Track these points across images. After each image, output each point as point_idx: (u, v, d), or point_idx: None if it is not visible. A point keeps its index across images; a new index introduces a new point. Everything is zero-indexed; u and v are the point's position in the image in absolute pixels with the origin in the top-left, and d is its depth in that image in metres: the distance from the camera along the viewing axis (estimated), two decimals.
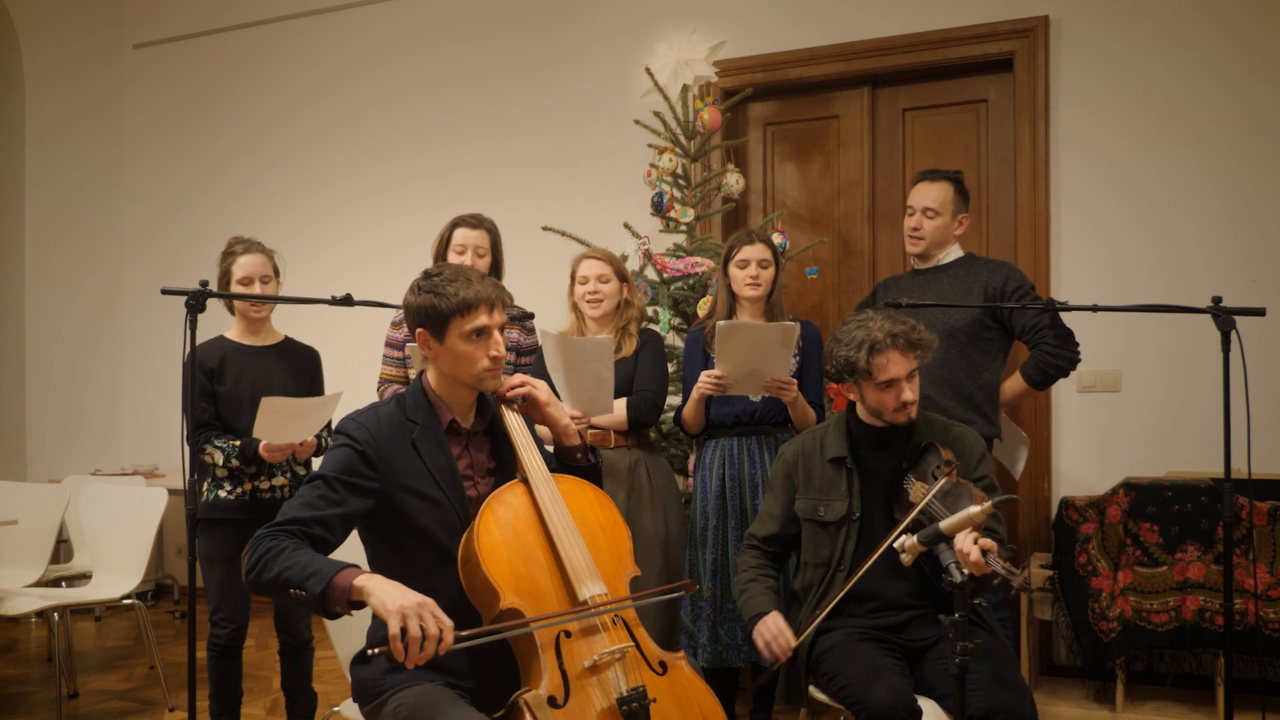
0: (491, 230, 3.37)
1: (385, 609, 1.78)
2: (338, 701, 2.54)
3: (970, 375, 3.22)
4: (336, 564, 1.88)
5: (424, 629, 1.76)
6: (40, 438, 5.67)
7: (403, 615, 1.76)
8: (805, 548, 2.67)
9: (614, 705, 1.94)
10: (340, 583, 1.83)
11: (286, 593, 1.88)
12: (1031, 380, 3.26)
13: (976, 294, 3.22)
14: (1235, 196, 3.91)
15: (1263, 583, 3.38)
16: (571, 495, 2.18)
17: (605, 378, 3.07)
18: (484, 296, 2.11)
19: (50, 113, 5.73)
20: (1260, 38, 3.88)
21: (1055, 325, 3.20)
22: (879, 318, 2.55)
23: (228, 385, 3.24)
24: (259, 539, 1.95)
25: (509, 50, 5.14)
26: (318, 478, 2.05)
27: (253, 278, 3.27)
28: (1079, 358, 3.23)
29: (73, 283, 5.85)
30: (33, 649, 4.90)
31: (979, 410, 3.23)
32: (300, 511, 1.99)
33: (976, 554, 2.13)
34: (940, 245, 3.38)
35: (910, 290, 3.33)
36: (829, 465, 2.65)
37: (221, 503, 3.21)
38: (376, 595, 1.80)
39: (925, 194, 3.36)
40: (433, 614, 1.79)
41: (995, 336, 3.28)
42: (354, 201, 5.50)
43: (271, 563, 1.89)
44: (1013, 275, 3.28)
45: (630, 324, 3.32)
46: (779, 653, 2.49)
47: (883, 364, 2.50)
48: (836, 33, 4.48)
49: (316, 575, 1.84)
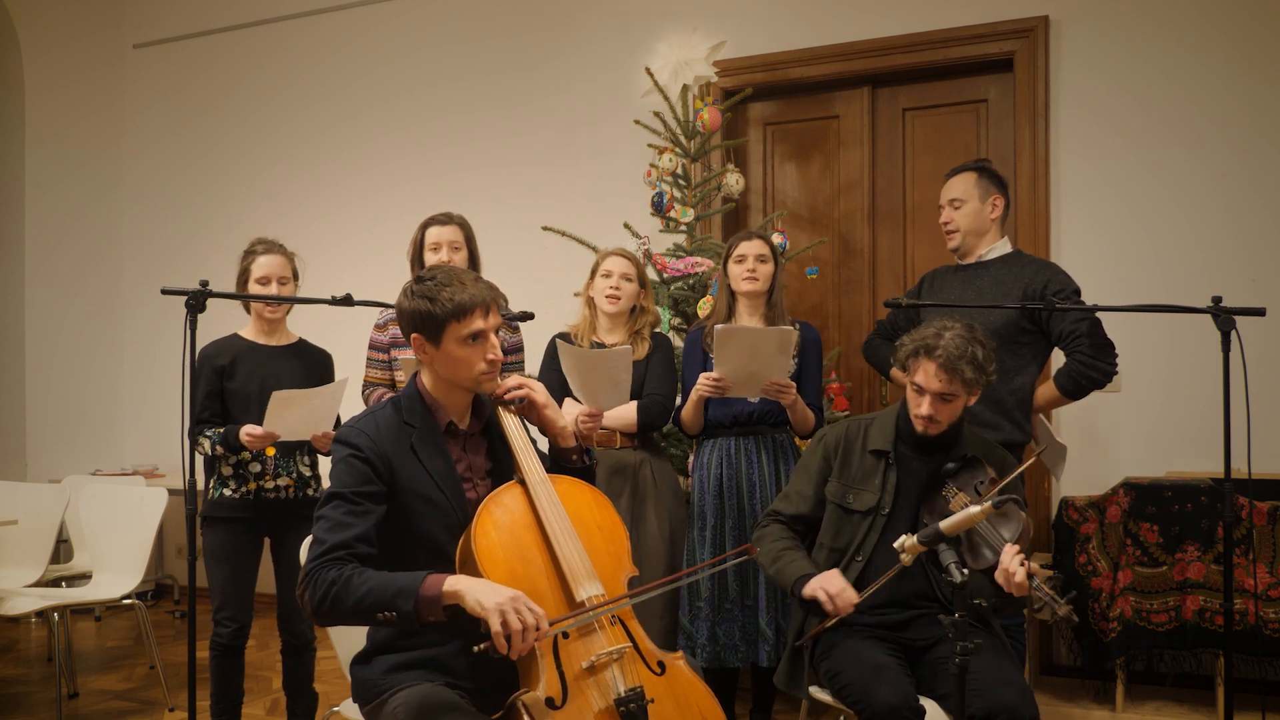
0: (463, 225, 3.36)
1: (484, 607, 1.84)
2: (338, 701, 2.54)
3: (1001, 379, 3.06)
4: (415, 577, 1.91)
5: (523, 621, 1.83)
6: (40, 438, 5.67)
7: (501, 611, 1.83)
8: (825, 530, 2.65)
9: (612, 706, 1.94)
10: (429, 593, 1.88)
11: (373, 618, 1.91)
12: (1064, 389, 3.12)
13: (1016, 294, 3.07)
14: (1235, 196, 3.90)
15: (1263, 583, 3.38)
16: (569, 496, 2.17)
17: (622, 381, 3.09)
18: (479, 300, 2.10)
19: (50, 113, 5.73)
20: (1260, 38, 3.88)
21: (1093, 334, 3.06)
22: (957, 330, 2.49)
23: (237, 382, 3.25)
24: (312, 574, 1.95)
25: (509, 50, 5.14)
26: (335, 496, 2.04)
27: (270, 278, 3.27)
28: (1115, 370, 3.09)
29: (73, 283, 5.85)
30: (33, 649, 4.90)
31: (1008, 415, 3.11)
32: (340, 535, 1.99)
33: (1022, 575, 2.08)
34: (978, 234, 3.24)
35: (951, 287, 3.24)
36: (869, 455, 2.64)
37: (226, 501, 3.22)
38: (470, 595, 1.87)
39: (949, 189, 3.29)
40: (527, 605, 1.86)
41: (1031, 340, 3.13)
42: (354, 201, 5.50)
43: (344, 593, 1.91)
44: (1055, 277, 3.12)
45: (644, 329, 3.34)
46: (843, 607, 2.43)
47: (919, 369, 2.50)
48: (836, 33, 4.48)
49: (401, 593, 1.88)
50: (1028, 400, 3.16)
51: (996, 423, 3.08)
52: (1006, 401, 3.12)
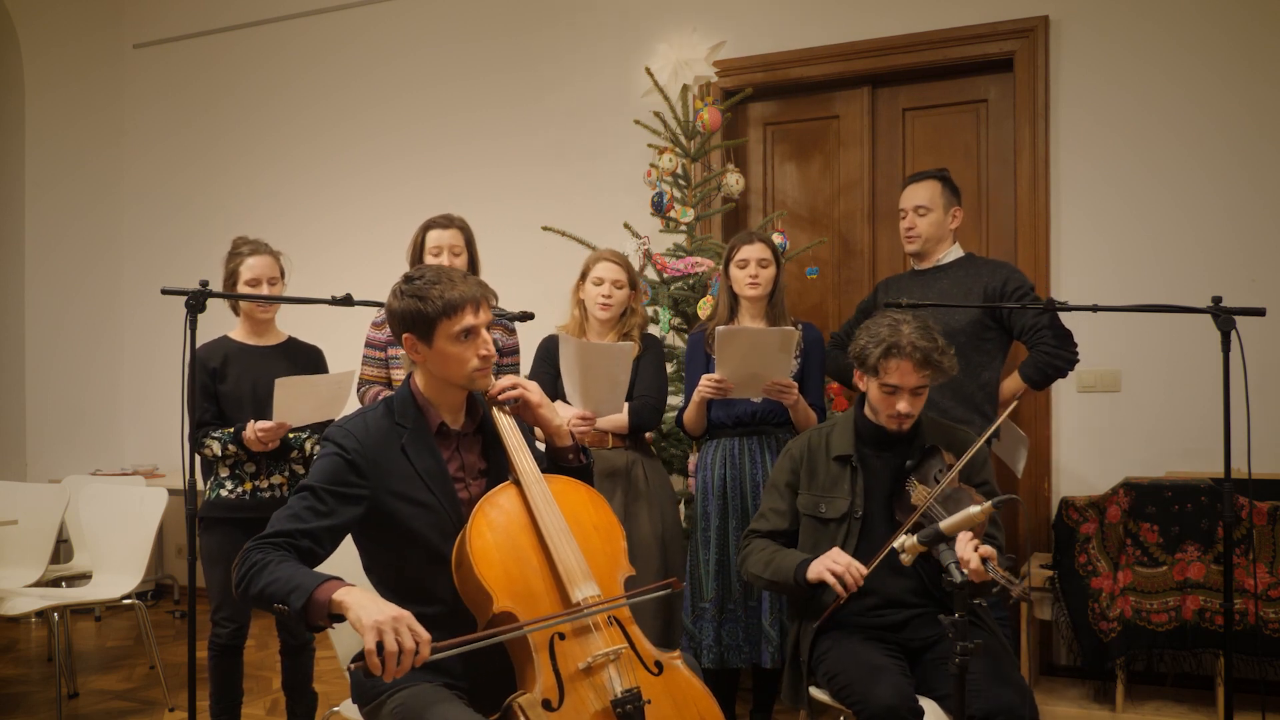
0: (464, 228, 3.36)
1: (361, 624, 1.75)
2: (338, 701, 2.54)
3: (970, 375, 3.21)
4: (318, 577, 1.86)
5: (400, 643, 1.74)
6: (40, 438, 5.67)
7: (378, 630, 1.73)
8: (802, 544, 2.66)
9: (608, 707, 1.94)
10: (320, 597, 1.81)
11: (271, 606, 1.87)
12: (1030, 380, 3.25)
13: (976, 294, 3.21)
14: (1235, 196, 3.90)
15: (1263, 583, 3.38)
16: (564, 496, 2.17)
17: (621, 381, 3.09)
18: (469, 296, 2.10)
19: (50, 113, 5.74)
20: (1260, 38, 3.88)
21: (1054, 325, 3.19)
22: (913, 324, 2.52)
23: (229, 384, 3.25)
24: (247, 551, 1.94)
25: (509, 50, 5.14)
26: (305, 489, 2.04)
27: (261, 279, 3.27)
28: (1077, 358, 3.22)
29: (73, 283, 5.85)
30: (33, 649, 4.90)
31: (979, 410, 3.22)
32: (288, 524, 1.98)
33: (976, 562, 2.13)
34: (938, 242, 3.38)
35: (911, 291, 3.31)
36: (834, 463, 2.65)
37: (223, 502, 3.22)
38: (354, 610, 1.78)
39: (914, 194, 3.39)
40: (409, 627, 1.76)
41: (995, 337, 3.28)
42: (354, 201, 5.50)
43: (257, 576, 1.89)
44: (1012, 276, 3.28)
45: (633, 330, 3.33)
46: (852, 583, 2.40)
47: (892, 368, 2.49)
48: (836, 33, 4.48)
49: (298, 590, 1.82)
50: (995, 394, 3.28)
51: (967, 418, 3.17)
52: (976, 396, 3.23)
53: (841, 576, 2.40)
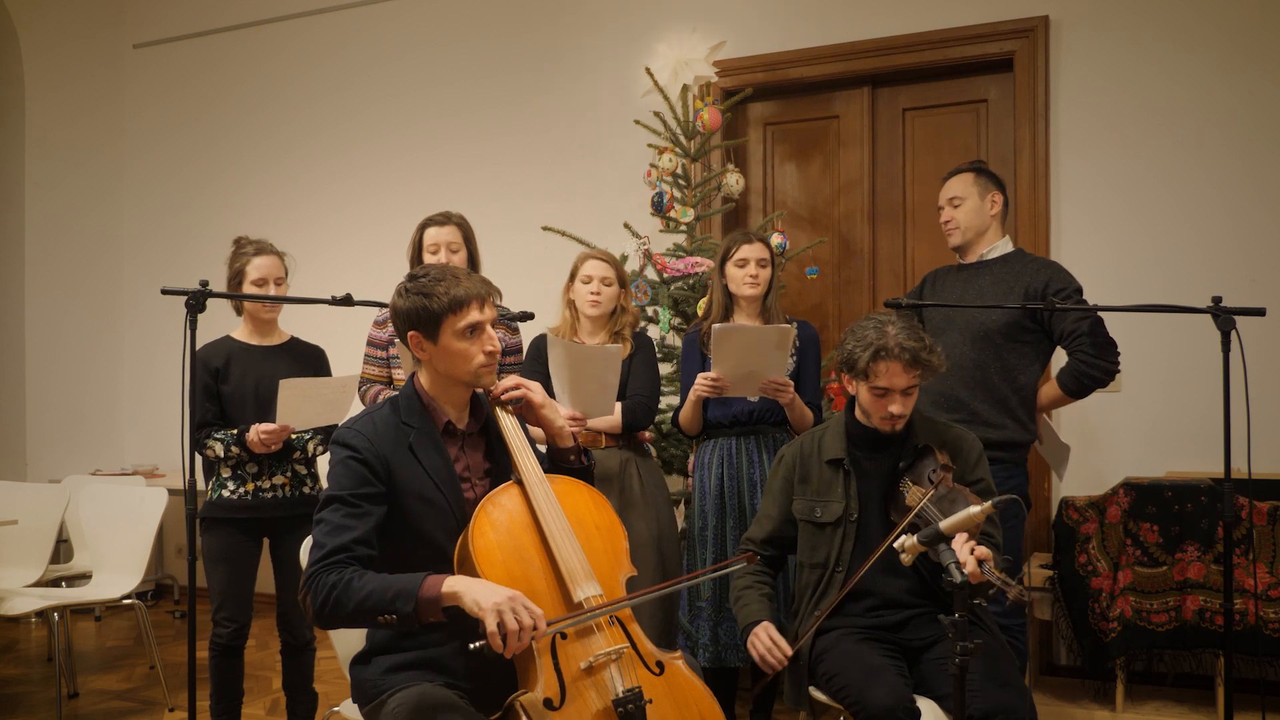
0: (462, 225, 3.36)
1: (481, 608, 1.85)
2: (338, 701, 2.54)
3: (1005, 378, 3.10)
4: (413, 579, 1.91)
5: (519, 621, 1.84)
6: (40, 438, 5.67)
7: (498, 611, 1.84)
8: (801, 549, 2.67)
9: (610, 707, 1.94)
10: (428, 595, 1.88)
11: (374, 621, 1.92)
12: (1067, 389, 3.12)
13: (1018, 294, 3.07)
14: (1235, 196, 3.90)
15: (1263, 583, 3.38)
16: (567, 496, 2.17)
17: (610, 383, 3.08)
18: (474, 293, 2.11)
19: (50, 112, 5.73)
20: (1260, 38, 3.88)
21: (1095, 333, 3.06)
22: (898, 325, 2.52)
23: (232, 385, 3.25)
24: (313, 578, 1.96)
25: (509, 50, 5.14)
26: (334, 499, 2.04)
27: (267, 279, 3.27)
28: (1117, 368, 3.09)
29: (73, 283, 5.85)
30: (33, 649, 4.90)
31: (1012, 414, 3.10)
32: (339, 538, 1.99)
33: (973, 564, 2.12)
34: (979, 233, 3.24)
35: (952, 285, 3.24)
36: (827, 466, 2.65)
37: (224, 502, 3.22)
38: (468, 596, 1.87)
39: (947, 189, 3.30)
40: (524, 605, 1.86)
41: (1034, 339, 3.13)
42: (354, 201, 5.50)
43: (344, 597, 1.92)
44: (1056, 276, 3.11)
45: (624, 329, 3.32)
46: (775, 664, 2.49)
47: (881, 371, 2.49)
48: (836, 33, 4.48)
49: (401, 595, 1.89)
50: (1031, 399, 3.16)
51: (1001, 422, 3.08)
52: (1010, 400, 3.11)
53: (764, 657, 2.50)
